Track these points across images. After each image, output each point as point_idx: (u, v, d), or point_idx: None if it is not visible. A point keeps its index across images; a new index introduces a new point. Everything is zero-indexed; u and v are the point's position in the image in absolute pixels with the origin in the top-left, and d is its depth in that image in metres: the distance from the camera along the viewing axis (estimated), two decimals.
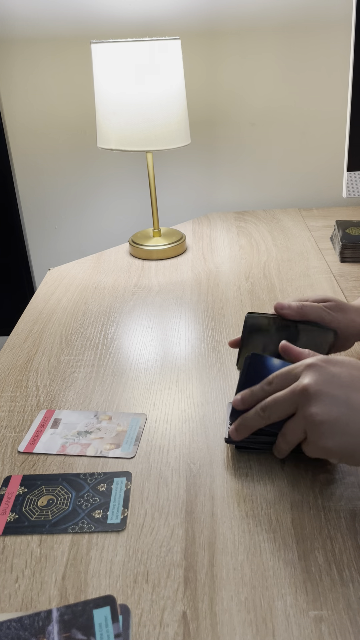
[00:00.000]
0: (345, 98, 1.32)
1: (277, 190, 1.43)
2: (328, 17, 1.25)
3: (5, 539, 0.51)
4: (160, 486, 0.56)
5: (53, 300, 0.97)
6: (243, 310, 0.90)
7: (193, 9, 1.24)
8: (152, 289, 0.99)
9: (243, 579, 0.46)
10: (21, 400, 0.71)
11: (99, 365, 0.78)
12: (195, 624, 0.43)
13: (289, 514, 0.52)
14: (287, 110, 1.34)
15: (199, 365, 0.76)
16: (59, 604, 0.45)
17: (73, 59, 1.29)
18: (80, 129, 1.36)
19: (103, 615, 0.44)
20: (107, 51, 0.98)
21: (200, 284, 1.00)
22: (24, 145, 1.38)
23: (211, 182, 1.42)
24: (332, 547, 0.49)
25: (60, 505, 0.55)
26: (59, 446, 0.62)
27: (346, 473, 0.56)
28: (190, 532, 0.51)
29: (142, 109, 1.00)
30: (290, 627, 0.43)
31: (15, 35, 1.26)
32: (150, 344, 0.82)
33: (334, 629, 0.42)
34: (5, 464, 0.60)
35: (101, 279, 1.05)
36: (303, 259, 1.09)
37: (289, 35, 1.27)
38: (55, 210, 1.45)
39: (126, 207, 1.45)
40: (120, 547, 0.50)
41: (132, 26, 1.25)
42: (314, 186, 1.43)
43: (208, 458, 0.60)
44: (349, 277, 1.00)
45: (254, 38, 1.27)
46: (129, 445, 0.62)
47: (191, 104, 1.33)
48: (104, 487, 0.56)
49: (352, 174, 1.08)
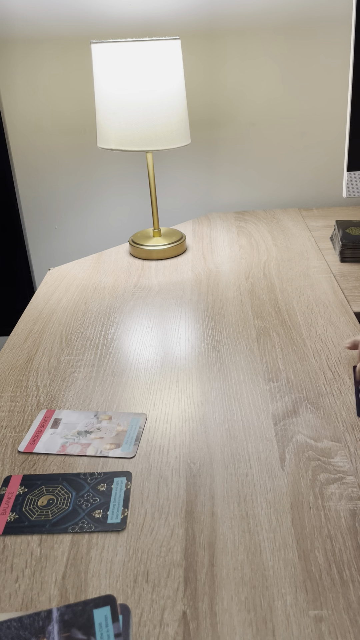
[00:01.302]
0: (345, 98, 1.32)
1: (277, 190, 1.43)
2: (328, 17, 1.25)
3: (5, 539, 0.51)
4: (160, 486, 0.56)
5: (53, 300, 0.97)
6: (243, 310, 0.90)
7: (193, 9, 1.24)
8: (152, 289, 0.99)
9: (243, 579, 0.46)
10: (21, 400, 0.71)
11: (99, 365, 0.78)
12: (195, 623, 0.43)
13: (289, 514, 0.52)
14: (287, 110, 1.34)
15: (199, 365, 0.76)
16: (59, 604, 0.45)
17: (73, 59, 1.29)
18: (80, 129, 1.36)
19: (103, 614, 0.44)
20: (107, 51, 0.98)
21: (200, 284, 1.00)
22: (24, 145, 1.38)
23: (211, 182, 1.42)
24: (332, 547, 0.49)
25: (60, 505, 0.55)
26: (59, 446, 0.62)
27: (346, 473, 0.56)
28: (190, 532, 0.51)
29: (142, 109, 1.00)
30: (290, 626, 0.43)
31: (16, 36, 1.26)
32: (150, 344, 0.82)
33: (334, 628, 0.42)
34: (6, 463, 0.60)
35: (101, 279, 1.05)
36: (303, 258, 1.09)
37: (289, 35, 1.27)
38: (55, 210, 1.45)
39: (126, 207, 1.45)
40: (120, 547, 0.50)
41: (132, 26, 1.25)
42: (314, 186, 1.43)
43: (208, 458, 0.60)
44: (349, 277, 1.00)
45: (254, 38, 1.27)
46: (129, 445, 0.62)
47: (191, 104, 1.33)
48: (104, 487, 0.56)
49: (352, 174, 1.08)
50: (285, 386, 0.71)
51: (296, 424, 0.64)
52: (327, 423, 0.64)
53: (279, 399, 0.68)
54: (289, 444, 0.61)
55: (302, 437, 0.62)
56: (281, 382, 0.72)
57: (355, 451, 0.59)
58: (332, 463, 0.58)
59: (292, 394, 0.69)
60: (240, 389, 0.71)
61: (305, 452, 0.59)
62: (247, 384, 0.71)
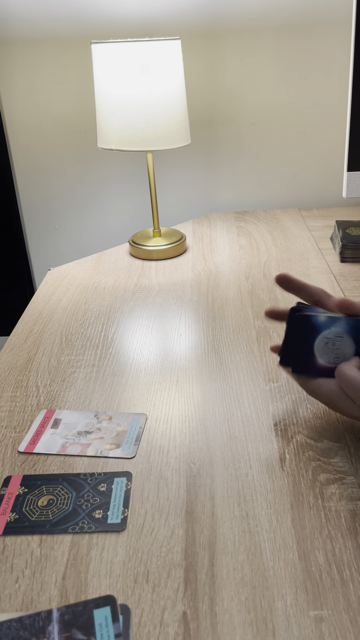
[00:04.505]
0: (345, 98, 1.32)
1: (277, 190, 1.43)
2: (328, 17, 1.25)
3: (5, 539, 0.51)
4: (161, 486, 0.56)
5: (53, 300, 0.97)
6: (243, 310, 0.90)
7: (193, 9, 1.24)
8: (152, 289, 0.99)
9: (243, 579, 0.46)
10: (21, 400, 0.71)
11: (99, 365, 0.78)
12: (195, 624, 0.43)
13: (289, 514, 0.52)
14: (287, 110, 1.34)
15: (199, 365, 0.76)
16: (59, 604, 0.45)
17: (73, 59, 1.29)
18: (80, 129, 1.36)
19: (103, 615, 0.44)
20: (107, 51, 0.98)
21: (200, 284, 1.00)
22: (24, 145, 1.38)
23: (211, 182, 1.42)
24: (332, 547, 0.49)
25: (60, 505, 0.55)
26: (59, 446, 0.62)
27: (346, 473, 0.56)
28: (190, 532, 0.51)
29: (142, 109, 1.00)
30: (291, 627, 0.43)
31: (16, 36, 1.26)
32: (150, 344, 0.82)
33: (334, 628, 0.42)
34: (6, 464, 0.60)
35: (101, 279, 1.05)
36: (303, 259, 1.09)
37: (289, 35, 1.27)
38: (55, 210, 1.45)
39: (126, 207, 1.45)
40: (120, 547, 0.50)
41: (132, 26, 1.25)
42: (314, 186, 1.43)
43: (208, 458, 0.60)
44: (349, 277, 1.00)
45: (254, 38, 1.27)
46: (129, 445, 0.62)
47: (191, 104, 1.33)
48: (104, 487, 0.56)
49: (352, 174, 1.08)
50: (285, 386, 0.71)
51: (296, 424, 0.64)
52: (327, 423, 0.64)
53: (279, 399, 0.68)
54: (289, 444, 0.61)
55: (302, 437, 0.62)
56: (281, 382, 0.72)
57: (355, 451, 0.59)
58: (332, 463, 0.58)
59: (292, 394, 0.69)
60: (240, 389, 0.71)
61: (305, 452, 0.59)
62: (247, 384, 0.71)
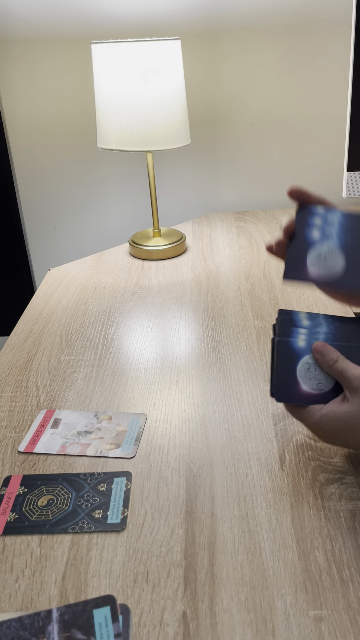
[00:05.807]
0: (345, 98, 1.32)
1: (277, 190, 1.43)
2: (328, 17, 1.25)
3: (5, 539, 0.51)
4: (160, 486, 0.56)
5: (53, 300, 0.97)
6: (243, 310, 0.90)
7: (193, 9, 1.24)
8: (152, 289, 0.99)
9: (243, 579, 0.46)
10: (21, 400, 0.71)
11: (99, 365, 0.78)
12: (195, 623, 0.43)
13: (288, 513, 0.52)
14: (287, 110, 1.34)
15: (199, 365, 0.76)
16: (59, 604, 0.45)
17: (73, 59, 1.29)
18: (80, 129, 1.36)
19: (103, 615, 0.44)
20: (107, 51, 0.98)
21: (200, 284, 1.00)
22: (24, 145, 1.38)
23: (211, 182, 1.42)
24: (332, 547, 0.49)
25: (60, 505, 0.55)
26: (59, 446, 0.62)
27: (346, 473, 0.56)
28: (190, 532, 0.51)
29: (142, 109, 1.00)
30: (290, 627, 0.43)
31: (16, 36, 1.26)
32: (150, 344, 0.82)
33: (333, 628, 0.42)
34: (6, 464, 0.60)
35: (101, 279, 1.05)
36: None
37: (289, 35, 1.27)
38: (55, 210, 1.45)
39: (126, 207, 1.45)
40: (120, 547, 0.50)
41: (132, 26, 1.25)
42: (313, 186, 1.42)
43: (208, 458, 0.60)
44: None
45: (254, 38, 1.27)
46: (129, 445, 0.62)
47: (191, 104, 1.33)
48: (104, 487, 0.56)
49: (352, 174, 1.08)
50: None
51: (296, 424, 0.64)
52: None
53: None
54: (288, 444, 0.61)
55: (302, 437, 0.62)
56: None
57: (354, 451, 0.59)
58: (332, 463, 0.58)
59: None
60: (240, 389, 0.71)
61: (305, 452, 0.59)
62: (247, 384, 0.71)
